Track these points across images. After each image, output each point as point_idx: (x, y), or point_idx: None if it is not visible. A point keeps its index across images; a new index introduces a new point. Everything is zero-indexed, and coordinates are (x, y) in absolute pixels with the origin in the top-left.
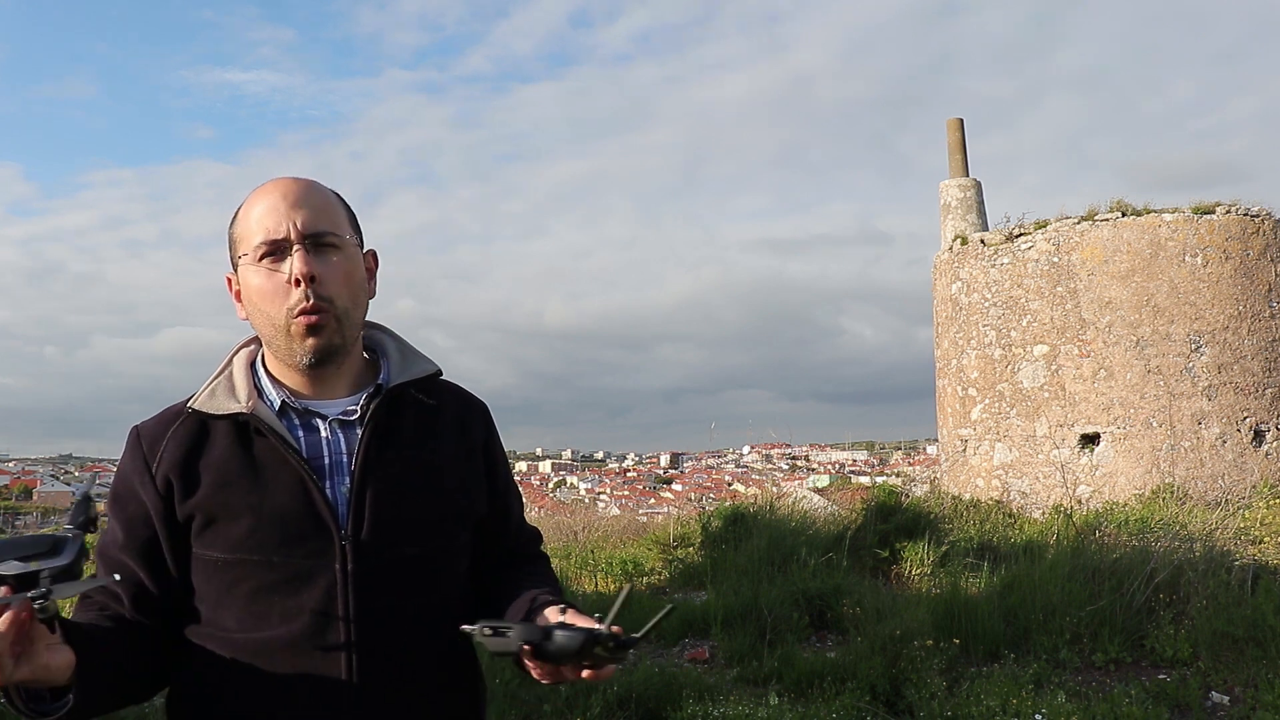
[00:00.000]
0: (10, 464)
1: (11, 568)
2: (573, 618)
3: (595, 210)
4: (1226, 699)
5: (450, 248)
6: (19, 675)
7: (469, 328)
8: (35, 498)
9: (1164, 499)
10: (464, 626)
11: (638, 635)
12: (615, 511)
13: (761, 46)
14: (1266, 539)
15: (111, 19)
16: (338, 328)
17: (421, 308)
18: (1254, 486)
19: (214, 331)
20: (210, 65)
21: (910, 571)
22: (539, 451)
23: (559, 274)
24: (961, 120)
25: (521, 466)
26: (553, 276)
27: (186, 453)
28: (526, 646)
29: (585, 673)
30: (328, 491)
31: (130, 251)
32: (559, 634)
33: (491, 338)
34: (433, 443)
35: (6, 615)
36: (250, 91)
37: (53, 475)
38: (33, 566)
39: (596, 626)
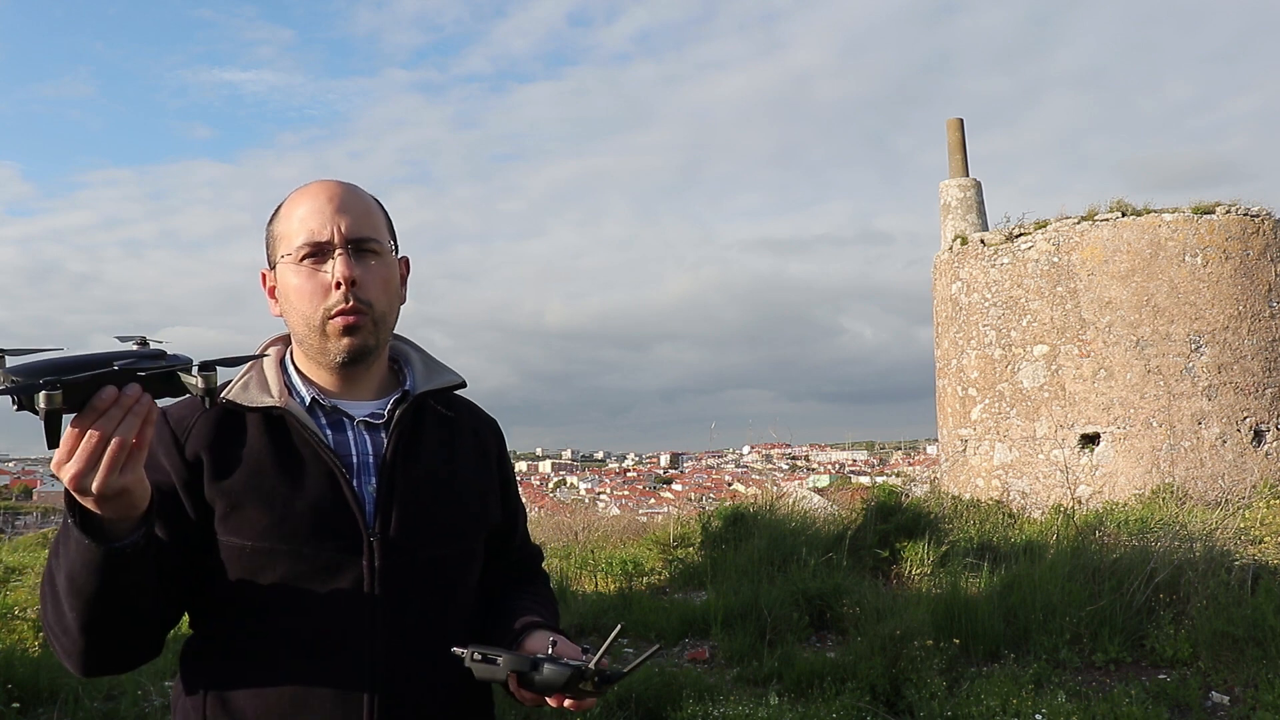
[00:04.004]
0: (10, 464)
1: (134, 361)
2: (562, 647)
3: (594, 210)
4: (1226, 699)
5: (449, 247)
6: (122, 482)
7: (468, 327)
8: (35, 498)
9: (1164, 499)
10: (455, 649)
11: (623, 671)
12: (615, 511)
13: (760, 46)
14: (1266, 539)
15: (109, 18)
16: (374, 330)
17: (420, 307)
18: (1254, 486)
19: (213, 332)
20: (208, 65)
21: (910, 571)
22: (539, 451)
23: (558, 274)
24: (961, 120)
25: (521, 466)
26: (551, 276)
27: (218, 436)
28: (513, 675)
29: (568, 703)
30: (356, 488)
31: (129, 251)
32: (547, 667)
33: (490, 337)
34: (452, 450)
35: (139, 405)
36: (249, 91)
37: (52, 475)
38: (162, 365)
39: (583, 662)
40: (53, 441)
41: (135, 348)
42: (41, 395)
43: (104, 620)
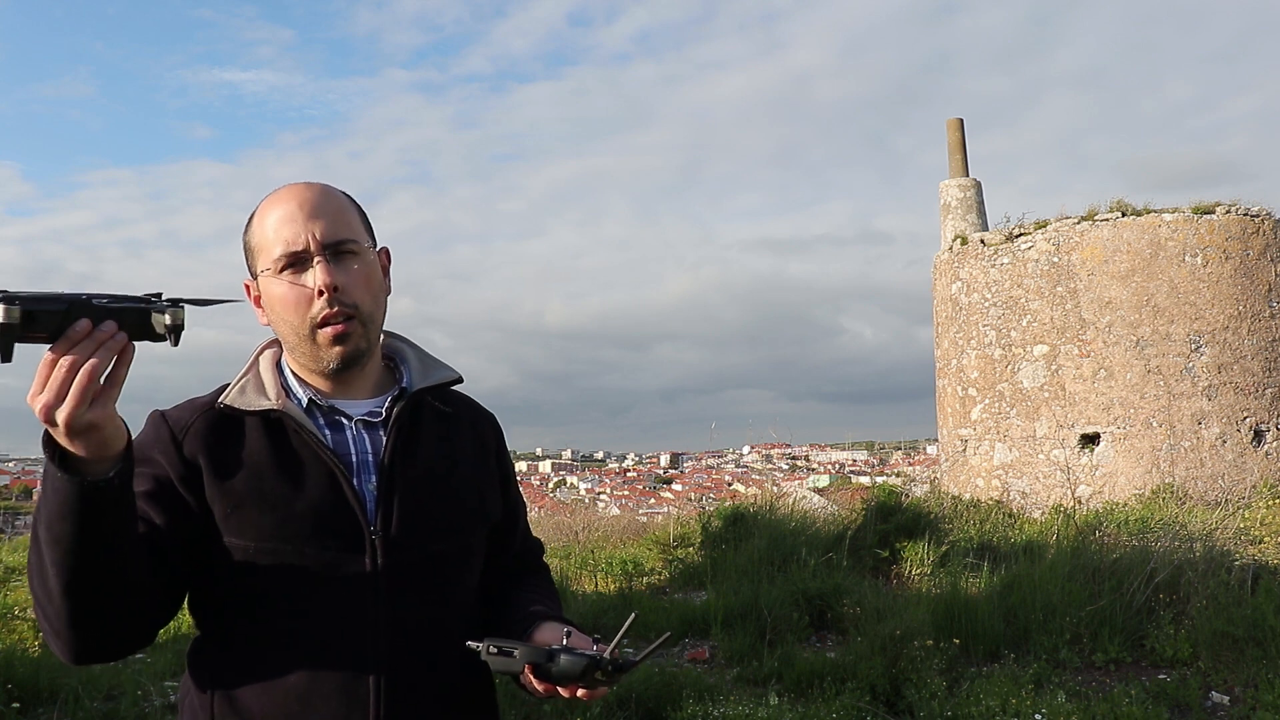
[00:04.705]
0: (10, 464)
1: (113, 300)
2: (576, 638)
3: (594, 210)
4: (1226, 699)
5: (448, 247)
6: (90, 416)
7: (468, 327)
8: (35, 498)
9: (1164, 499)
10: (469, 643)
11: (636, 660)
12: (615, 511)
13: (760, 46)
14: (1266, 539)
15: (109, 18)
16: (363, 332)
17: (420, 307)
18: (1254, 486)
19: (213, 332)
20: (208, 65)
21: (910, 571)
22: (539, 451)
23: (558, 274)
24: (961, 120)
25: (521, 466)
26: (551, 276)
27: (218, 439)
28: (529, 667)
29: (581, 692)
30: (356, 487)
31: (129, 251)
32: (563, 657)
33: (490, 337)
34: (451, 447)
35: (114, 340)
36: (249, 91)
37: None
38: (141, 305)
39: (597, 651)
40: (3, 356)
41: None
42: (0, 309)
43: (85, 577)
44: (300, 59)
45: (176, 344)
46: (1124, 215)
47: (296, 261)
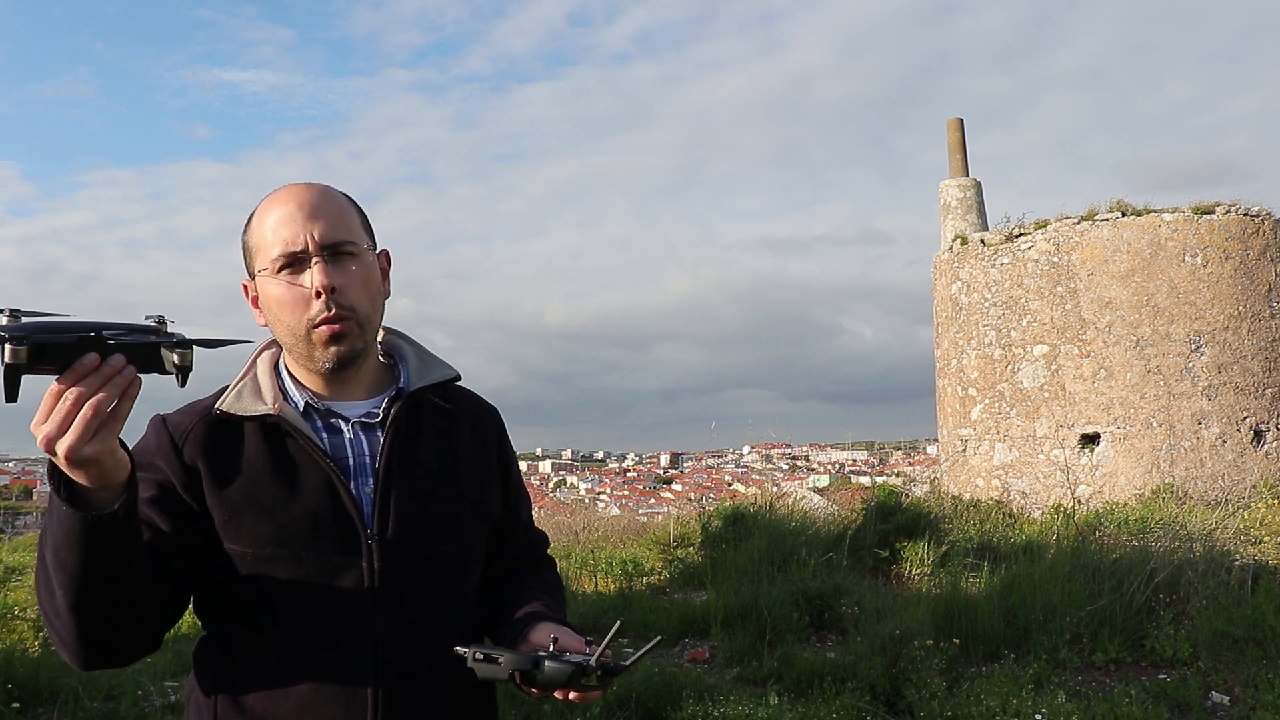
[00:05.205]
0: (10, 464)
1: (125, 333)
2: (566, 639)
3: (594, 210)
4: (1226, 699)
5: (448, 247)
6: (89, 450)
7: (468, 327)
8: (35, 498)
9: (1164, 499)
10: (457, 649)
11: (625, 664)
12: (615, 511)
13: (760, 46)
14: (1266, 539)
15: (109, 18)
16: (359, 333)
17: (420, 307)
18: (1254, 486)
19: (213, 332)
20: (208, 65)
21: (910, 571)
22: (539, 451)
23: (558, 274)
24: (961, 120)
25: (522, 466)
26: (551, 276)
27: (216, 445)
28: (516, 674)
29: (573, 696)
30: (353, 491)
31: (129, 251)
32: (549, 664)
33: (490, 337)
34: (451, 445)
35: (121, 375)
36: (248, 91)
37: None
38: (151, 339)
39: (586, 656)
40: (9, 396)
41: (151, 323)
42: (7, 349)
43: (92, 598)
44: (300, 59)
45: (183, 385)
46: (1124, 215)
47: (295, 262)
